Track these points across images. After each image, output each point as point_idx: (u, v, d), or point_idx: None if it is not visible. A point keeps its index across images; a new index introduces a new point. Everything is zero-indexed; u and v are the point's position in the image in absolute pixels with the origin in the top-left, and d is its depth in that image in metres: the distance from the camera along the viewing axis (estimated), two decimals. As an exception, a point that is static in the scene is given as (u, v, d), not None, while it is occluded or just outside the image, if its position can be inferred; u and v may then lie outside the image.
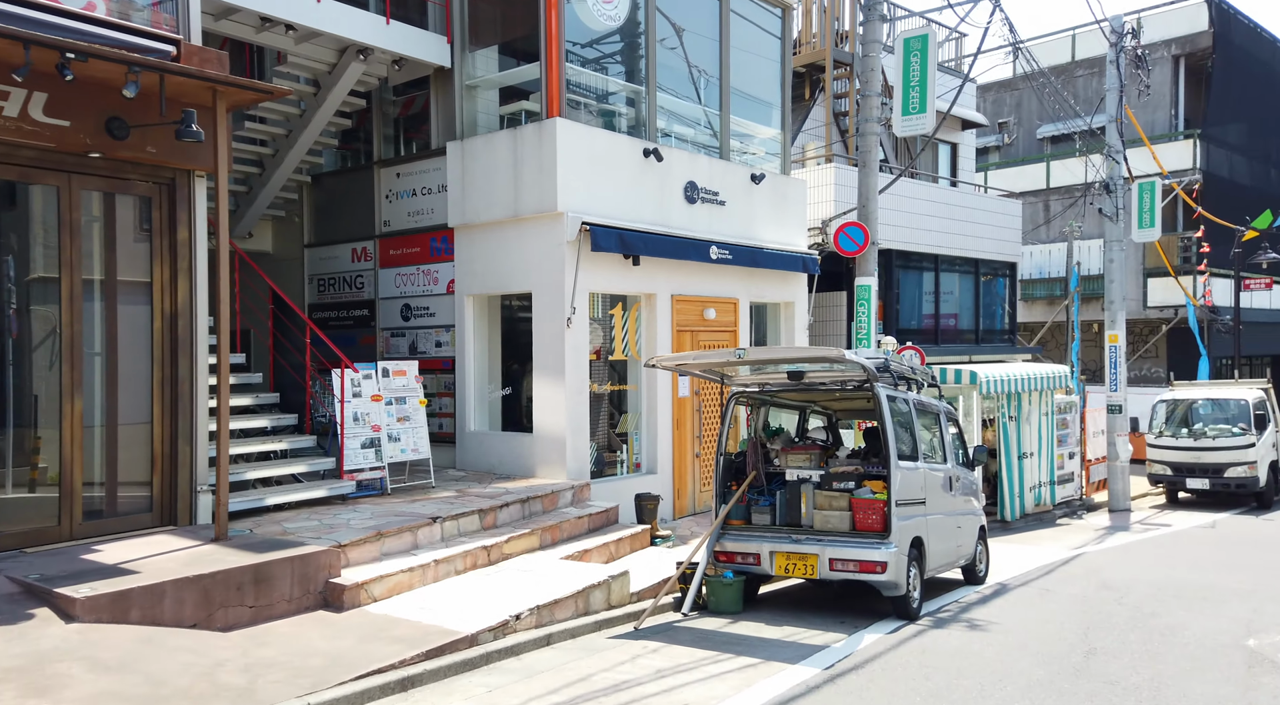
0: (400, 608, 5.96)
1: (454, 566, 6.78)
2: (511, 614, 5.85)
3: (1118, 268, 15.73)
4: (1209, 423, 15.69)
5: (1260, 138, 24.15)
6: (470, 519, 7.51)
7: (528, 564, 7.16)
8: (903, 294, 14.69)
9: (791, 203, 12.11)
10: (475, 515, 7.56)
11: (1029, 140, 25.21)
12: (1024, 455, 14.45)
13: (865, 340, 10.43)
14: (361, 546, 6.48)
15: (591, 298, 9.76)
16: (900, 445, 7.30)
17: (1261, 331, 23.54)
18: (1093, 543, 12.21)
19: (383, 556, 6.60)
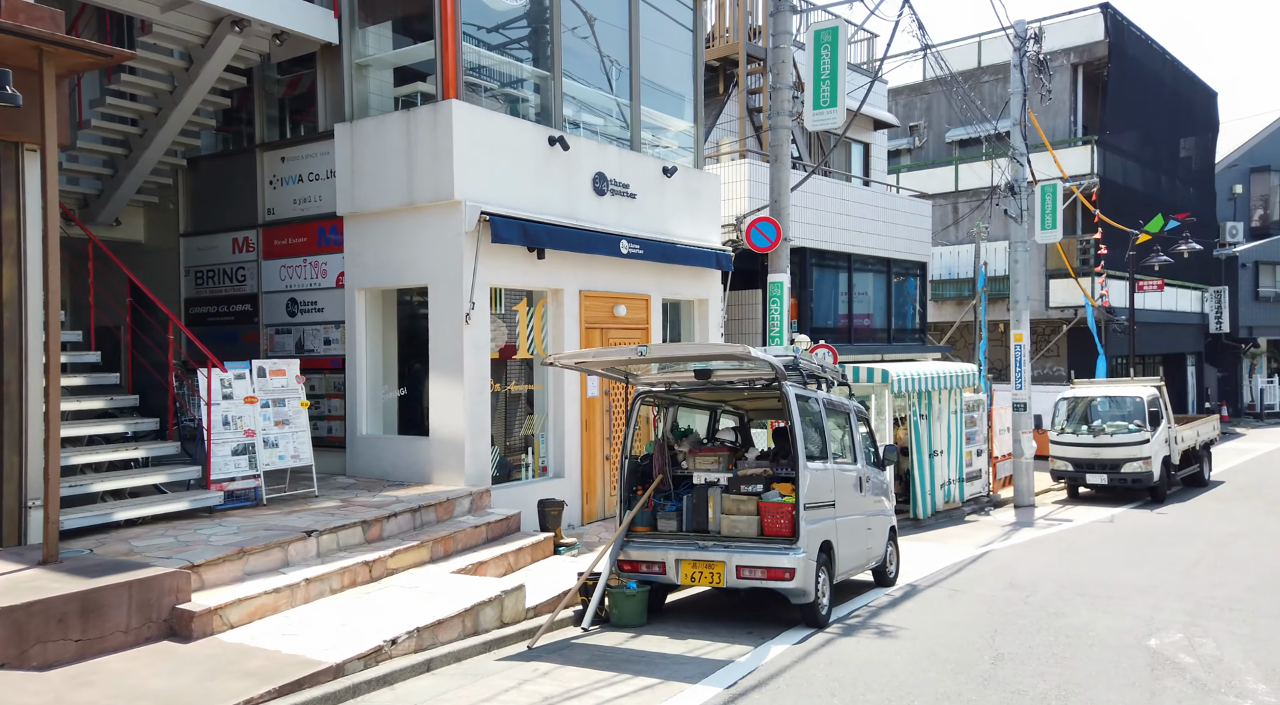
0: (260, 635, 5.32)
1: (329, 585, 6.15)
2: (387, 638, 5.28)
3: (1022, 268, 16.08)
4: (1107, 420, 16.20)
5: (1151, 146, 25.35)
6: (352, 531, 6.88)
7: (414, 580, 6.59)
8: (817, 293, 14.63)
9: (705, 198, 11.83)
10: (358, 527, 6.93)
11: (938, 143, 25.80)
12: (935, 453, 14.59)
13: (778, 338, 10.22)
14: (220, 566, 5.79)
15: (493, 292, 9.22)
16: (809, 446, 7.04)
17: (1154, 331, 24.68)
18: (999, 540, 12.35)
19: (245, 577, 5.92)
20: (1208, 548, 11.26)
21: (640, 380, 7.47)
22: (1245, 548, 11.28)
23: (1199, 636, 6.71)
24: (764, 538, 6.74)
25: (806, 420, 7.08)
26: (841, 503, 7.34)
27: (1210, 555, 10.77)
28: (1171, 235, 21.58)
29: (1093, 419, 16.34)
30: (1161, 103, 25.99)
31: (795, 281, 14.18)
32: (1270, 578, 9.41)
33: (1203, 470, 17.30)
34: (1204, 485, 17.18)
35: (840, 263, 15.03)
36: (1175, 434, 16.22)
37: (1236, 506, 14.84)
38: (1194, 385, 27.59)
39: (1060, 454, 16.24)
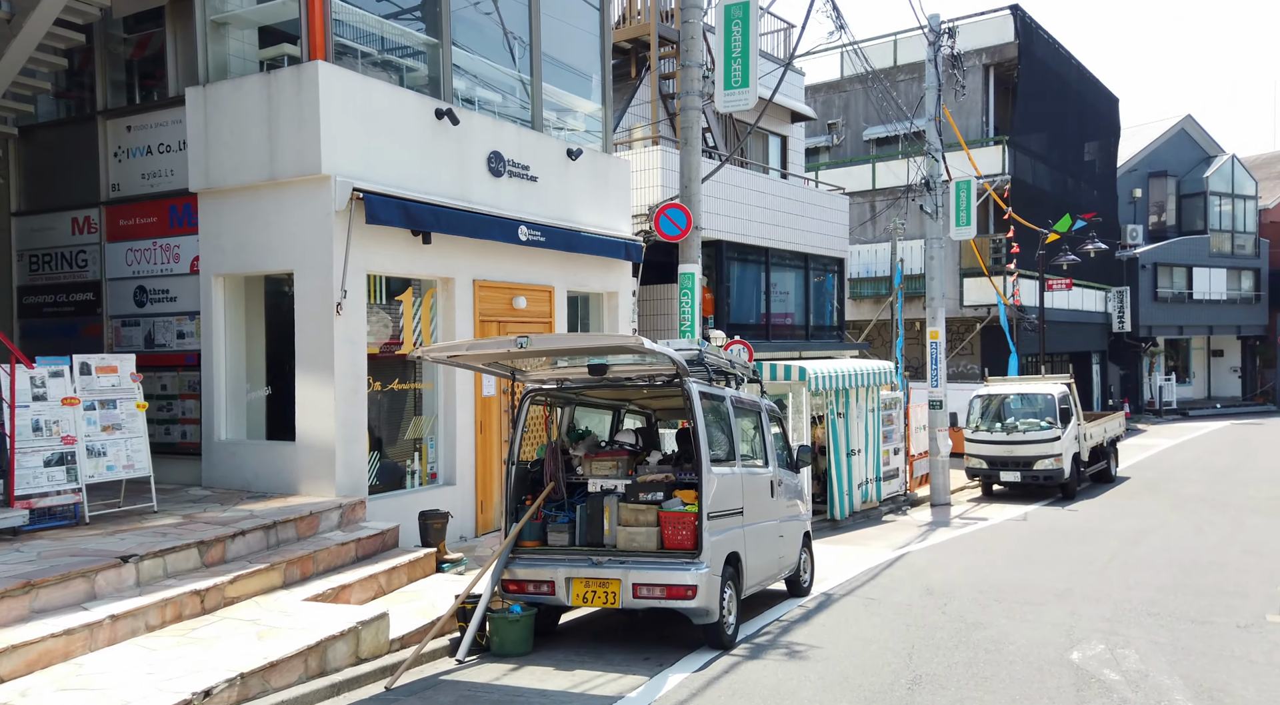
0: (34, 690, 4.31)
1: (145, 621, 5.15)
2: (199, 690, 4.35)
3: (938, 265, 15.94)
4: (1019, 417, 16.22)
5: (1059, 148, 25.95)
6: (185, 554, 5.87)
7: (256, 610, 5.64)
8: (735, 288, 14.11)
9: (614, 184, 11.11)
10: (193, 549, 5.92)
11: (856, 142, 25.82)
12: (852, 452, 14.26)
13: (690, 332, 9.58)
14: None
15: (371, 280, 8.28)
16: (715, 448, 6.39)
17: (1063, 330, 25.23)
18: (916, 541, 12.03)
19: (33, 615, 4.87)
20: (1119, 546, 11.16)
21: (529, 377, 6.68)
22: (1154, 545, 11.23)
23: (1121, 647, 6.34)
24: (664, 551, 6.04)
25: (712, 420, 6.43)
26: (752, 509, 6.72)
27: (1122, 554, 10.65)
28: (1079, 235, 22.03)
29: (1006, 416, 16.34)
30: (1068, 106, 26.65)
31: (712, 276, 13.63)
32: (1181, 577, 9.27)
33: (1110, 467, 17.55)
34: (1111, 481, 17.42)
35: (758, 257, 14.55)
36: (1084, 431, 16.36)
37: (1142, 502, 15.00)
38: (1099, 383, 28.44)
39: (975, 452, 16.18)
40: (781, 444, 8.12)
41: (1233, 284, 33.72)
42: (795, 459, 8.17)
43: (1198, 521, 13.05)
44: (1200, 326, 32.88)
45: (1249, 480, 17.07)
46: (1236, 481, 16.95)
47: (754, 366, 7.94)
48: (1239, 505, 14.40)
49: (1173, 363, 34.15)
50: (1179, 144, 34.41)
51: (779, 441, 8.01)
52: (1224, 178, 33.56)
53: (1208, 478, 17.49)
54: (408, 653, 5.52)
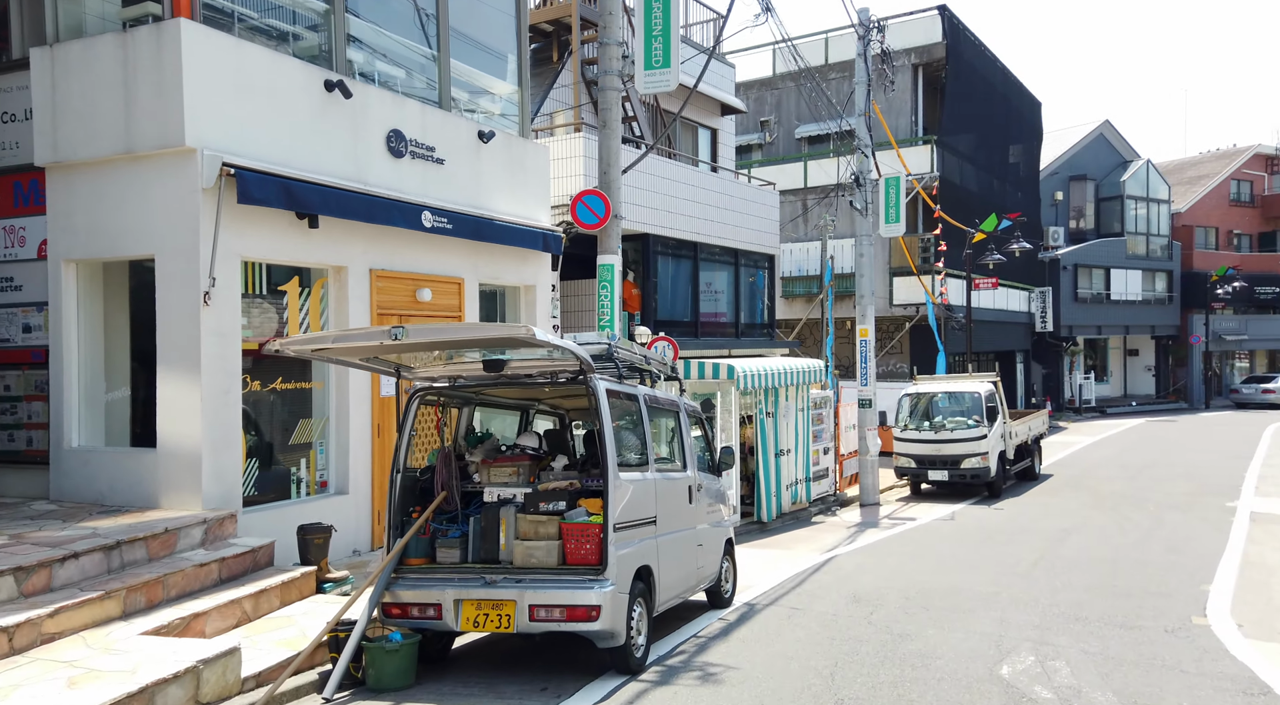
0: None
1: (-69, 669, 4.29)
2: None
3: (867, 262, 15.74)
4: (947, 416, 16.15)
5: (985, 150, 26.30)
6: (-1, 584, 4.99)
7: (80, 649, 4.81)
8: (661, 283, 13.59)
9: (531, 171, 10.45)
10: (8, 577, 5.04)
11: (789, 140, 25.68)
12: (781, 452, 13.90)
13: (609, 326, 8.99)
14: None
15: (250, 268, 7.44)
16: (626, 452, 5.81)
17: (989, 329, 25.55)
18: (844, 543, 11.71)
19: None
20: (1044, 546, 11.03)
21: (416, 373, 5.98)
22: (1078, 544, 11.14)
23: (1052, 660, 6.01)
24: (566, 567, 5.43)
25: (623, 421, 5.86)
26: (667, 518, 6.16)
27: (1048, 554, 10.50)
28: (1004, 235, 22.28)
29: (934, 415, 16.26)
30: (993, 108, 27.05)
31: (639, 271, 13.08)
32: (1106, 578, 9.12)
33: (1034, 464, 17.67)
34: (1036, 479, 17.53)
35: (686, 252, 14.06)
36: (1010, 429, 16.39)
37: (1065, 500, 15.05)
38: (1022, 382, 29.01)
39: (903, 450, 16.04)
40: (703, 446, 7.61)
41: (1148, 285, 34.91)
42: (718, 462, 7.67)
43: (1119, 519, 13.09)
44: (1117, 326, 33.93)
45: (1165, 477, 17.38)
46: (1153, 478, 17.24)
47: (673, 364, 7.39)
48: (1157, 502, 14.56)
49: (1091, 362, 35.18)
50: (1097, 149, 35.47)
51: (700, 444, 7.49)
52: (1139, 182, 34.72)
53: (1126, 474, 17.76)
54: (261, 694, 4.78)
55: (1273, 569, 9.72)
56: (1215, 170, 39.50)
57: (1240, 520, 12.76)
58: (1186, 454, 20.93)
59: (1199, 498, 14.80)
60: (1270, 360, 39.89)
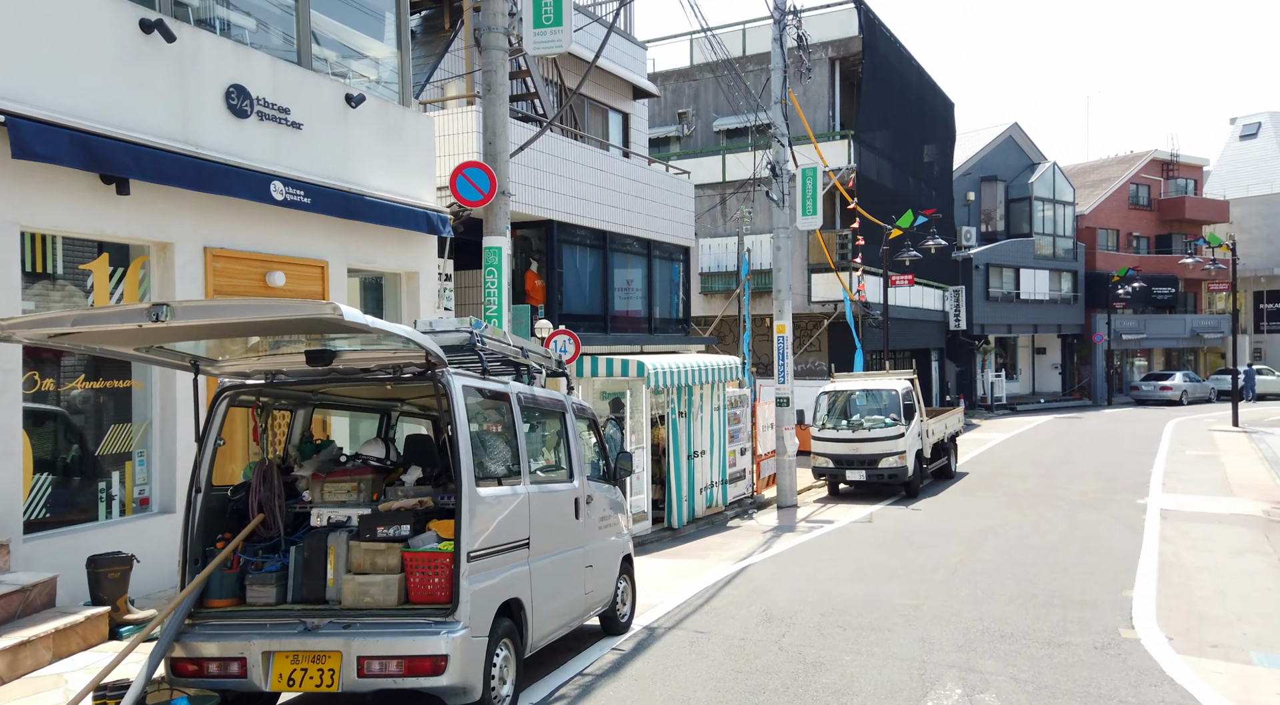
0: None
1: None
2: None
3: (785, 256, 15.12)
4: (865, 414, 15.71)
5: (900, 148, 26.28)
6: None
7: None
8: (569, 274, 12.59)
9: (412, 144, 9.31)
10: None
11: (707, 132, 25.06)
12: (695, 454, 13.12)
13: (497, 318, 7.95)
14: None
15: (37, 240, 6.11)
16: (491, 462, 4.83)
17: (905, 327, 25.50)
18: (759, 550, 10.98)
19: None
20: (963, 550, 10.55)
21: (223, 368, 4.83)
22: (996, 547, 10.72)
23: (980, 691, 5.34)
24: (409, 607, 4.41)
25: (489, 424, 4.85)
26: (545, 538, 5.20)
27: (967, 559, 10.00)
28: (920, 231, 22.14)
29: (852, 413, 15.78)
30: (909, 106, 27.07)
31: (543, 261, 12.05)
32: (1027, 584, 8.65)
33: (950, 463, 17.43)
34: (952, 477, 17.29)
35: (596, 241, 13.10)
36: (927, 427, 16.06)
37: (982, 499, 14.77)
38: (937, 379, 29.20)
39: (821, 450, 15.51)
40: (597, 451, 6.66)
41: (1054, 285, 35.83)
42: (614, 469, 6.73)
43: (1035, 519, 12.81)
44: (1027, 325, 34.67)
45: (1076, 474, 17.40)
46: (1065, 475, 17.22)
47: (559, 358, 6.40)
48: (1070, 500, 14.42)
49: (1002, 360, 35.89)
50: (1007, 150, 36.22)
51: (594, 449, 6.55)
52: (1046, 184, 35.60)
53: (1039, 472, 17.71)
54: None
55: (1190, 571, 9.44)
56: (1116, 174, 40.99)
57: (1152, 518, 12.64)
58: (1094, 450, 21.18)
59: (1110, 495, 14.73)
60: (1166, 358, 41.66)
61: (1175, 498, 14.39)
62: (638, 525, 11.87)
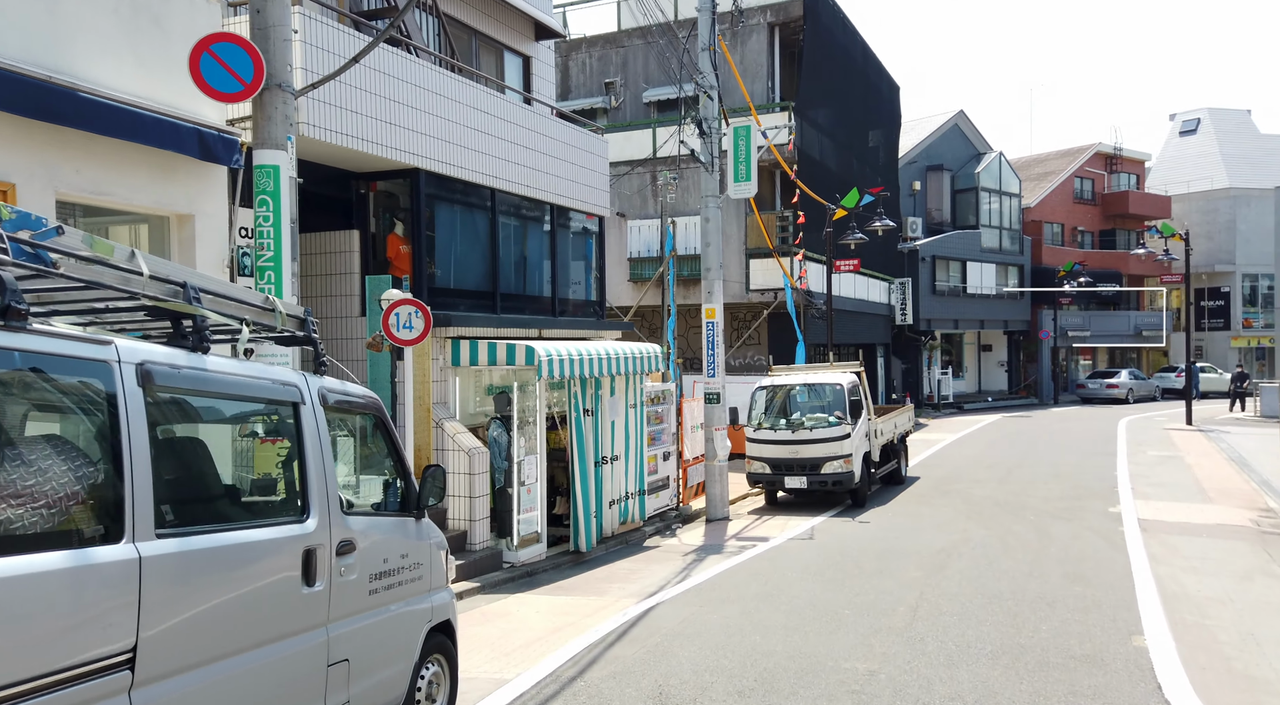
0: None
1: None
2: None
3: (715, 229, 12.98)
4: (806, 411, 13.70)
5: (845, 129, 24.52)
6: None
7: None
8: (444, 240, 10.17)
9: (178, 35, 6.75)
10: None
11: (636, 104, 22.86)
12: (605, 460, 10.89)
13: (274, 273, 5.51)
14: None
15: None
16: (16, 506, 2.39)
17: (850, 320, 23.73)
18: (675, 580, 8.78)
19: None
20: (923, 578, 8.54)
21: None
22: (963, 573, 8.76)
23: None
24: None
25: (52, 427, 2.44)
26: (195, 639, 2.83)
27: (930, 592, 7.98)
28: (866, 211, 20.32)
29: (792, 411, 13.76)
30: (853, 83, 25.34)
31: (410, 221, 9.61)
32: (1011, 631, 6.70)
33: (900, 467, 15.56)
34: (902, 482, 15.44)
35: (481, 201, 10.71)
36: (875, 427, 14.13)
37: (938, 509, 12.90)
38: (883, 376, 27.58)
39: (757, 454, 13.43)
40: (392, 468, 4.30)
41: (1001, 279, 34.67)
42: (418, 493, 4.37)
43: (1001, 533, 10.96)
44: (973, 320, 33.40)
45: (1036, 478, 15.73)
46: (1025, 480, 15.54)
47: (303, 317, 3.94)
48: (1036, 509, 12.66)
49: (948, 357, 34.56)
50: (953, 139, 34.95)
51: (388, 465, 4.20)
52: (992, 175, 34.42)
53: (996, 476, 16.00)
54: None
55: (1200, 605, 7.60)
56: (1060, 166, 40.23)
57: (1131, 531, 10.91)
58: (1050, 451, 19.68)
59: (1078, 503, 13.02)
60: (1110, 357, 41.06)
61: (1150, 505, 12.72)
62: (528, 550, 9.57)
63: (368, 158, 8.94)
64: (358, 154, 8.73)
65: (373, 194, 9.71)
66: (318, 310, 9.64)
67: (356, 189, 9.50)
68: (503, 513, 9.62)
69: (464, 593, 8.24)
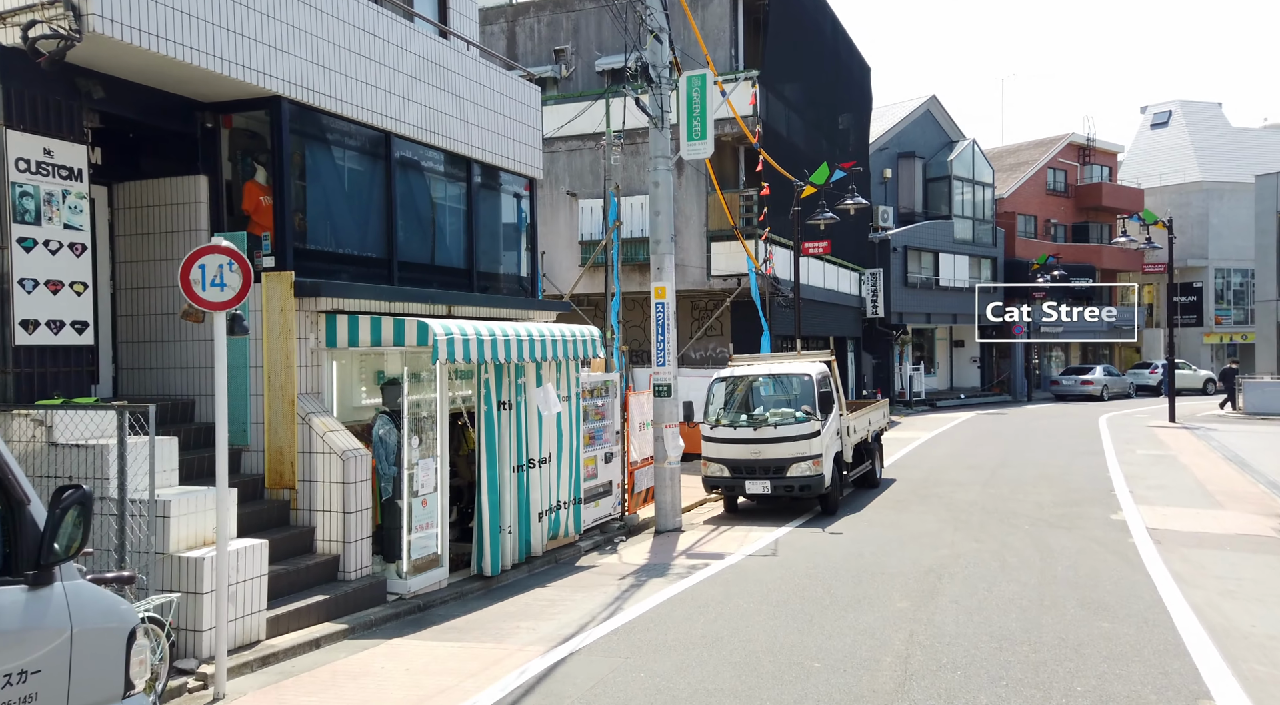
0: None
1: None
2: None
3: (664, 195, 11.19)
4: (770, 406, 11.98)
5: (813, 106, 22.90)
6: None
7: None
8: (318, 189, 8.18)
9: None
10: None
11: (588, 74, 20.98)
12: (530, 464, 9.05)
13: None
14: None
15: None
16: None
17: (820, 310, 22.13)
18: (602, 617, 6.97)
19: None
20: (912, 611, 6.85)
21: None
22: (959, 603, 7.10)
23: None
24: None
25: None
26: None
27: (921, 633, 6.28)
28: (836, 189, 18.66)
29: (754, 406, 12.02)
30: (822, 59, 23.73)
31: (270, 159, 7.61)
32: (1039, 694, 4.99)
33: (875, 468, 13.90)
34: (877, 486, 13.78)
35: (372, 147, 8.75)
36: (848, 424, 12.42)
37: (918, 516, 11.25)
38: (854, 372, 26.03)
39: (714, 454, 11.66)
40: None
41: (974, 272, 33.37)
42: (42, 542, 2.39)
43: (995, 547, 9.35)
44: (946, 314, 32.04)
45: (1022, 480, 14.19)
46: (1011, 482, 13.99)
47: None
48: (1028, 516, 11.10)
49: (920, 353, 33.17)
50: (925, 125, 33.58)
51: None
52: (965, 163, 33.11)
53: (980, 478, 14.44)
54: None
55: (1260, 644, 6.12)
56: (1034, 157, 39.14)
57: (1143, 544, 9.36)
58: (1034, 450, 18.24)
59: (1075, 509, 11.46)
60: (1083, 352, 40.06)
61: (1155, 512, 11.21)
62: (423, 577, 7.68)
63: (213, 80, 6.98)
64: (199, 73, 6.77)
65: (227, 131, 7.72)
66: (153, 277, 7.64)
67: (203, 123, 7.52)
68: (391, 530, 7.71)
69: (323, 639, 6.32)
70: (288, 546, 7.02)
